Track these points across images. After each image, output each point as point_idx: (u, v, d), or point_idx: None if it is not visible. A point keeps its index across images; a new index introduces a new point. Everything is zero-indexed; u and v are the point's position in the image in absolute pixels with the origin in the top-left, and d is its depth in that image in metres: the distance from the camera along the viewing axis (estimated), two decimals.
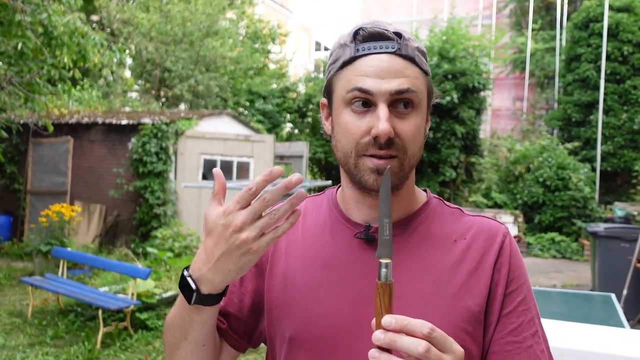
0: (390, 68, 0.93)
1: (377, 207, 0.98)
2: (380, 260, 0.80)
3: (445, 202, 1.10)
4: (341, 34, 1.02)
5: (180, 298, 0.96)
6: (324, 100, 1.06)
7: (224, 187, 0.88)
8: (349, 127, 0.95)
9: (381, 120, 0.91)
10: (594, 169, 14.97)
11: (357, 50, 0.95)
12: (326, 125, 1.06)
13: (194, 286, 0.90)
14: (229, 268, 0.87)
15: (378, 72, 0.93)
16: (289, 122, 17.00)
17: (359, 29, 0.96)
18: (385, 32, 0.95)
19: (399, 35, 0.96)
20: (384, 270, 0.80)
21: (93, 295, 5.85)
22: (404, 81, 0.93)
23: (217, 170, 0.89)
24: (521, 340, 0.97)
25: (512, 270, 1.00)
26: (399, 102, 0.94)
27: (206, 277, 0.89)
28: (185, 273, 0.92)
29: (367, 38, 0.95)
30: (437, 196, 1.11)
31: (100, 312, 5.53)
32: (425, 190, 1.11)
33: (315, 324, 0.98)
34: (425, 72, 0.99)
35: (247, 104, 16.63)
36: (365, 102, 0.94)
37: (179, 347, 1.00)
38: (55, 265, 7.72)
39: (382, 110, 0.92)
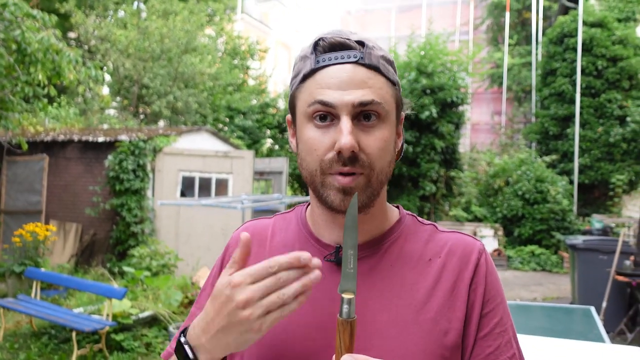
0: (353, 78, 0.88)
1: None
2: (343, 295, 0.75)
3: (419, 218, 1.05)
4: (302, 46, 0.97)
5: None
6: (289, 117, 1.01)
7: (246, 255, 0.80)
8: (312, 143, 0.90)
9: (343, 134, 0.85)
10: (571, 182, 15.14)
11: (318, 61, 0.91)
12: (292, 143, 1.01)
13: (191, 355, 0.82)
14: (227, 342, 0.79)
15: (340, 84, 0.88)
16: (269, 137, 16.96)
17: (319, 40, 0.92)
18: (347, 41, 0.91)
19: (361, 43, 0.91)
20: (345, 306, 0.75)
21: (67, 317, 5.70)
22: (367, 92, 0.88)
23: (245, 236, 0.80)
24: None
25: (488, 290, 0.95)
26: (364, 114, 0.89)
27: (205, 347, 0.82)
28: (182, 340, 0.84)
29: (328, 48, 0.91)
30: (410, 213, 1.06)
31: (74, 334, 5.38)
32: (397, 207, 1.06)
33: (282, 352, 0.93)
34: (393, 82, 0.94)
35: (227, 120, 16.56)
36: (328, 115, 0.89)
37: None
38: (29, 286, 7.53)
39: (345, 123, 0.87)
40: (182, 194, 9.88)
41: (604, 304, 6.80)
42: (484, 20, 24.74)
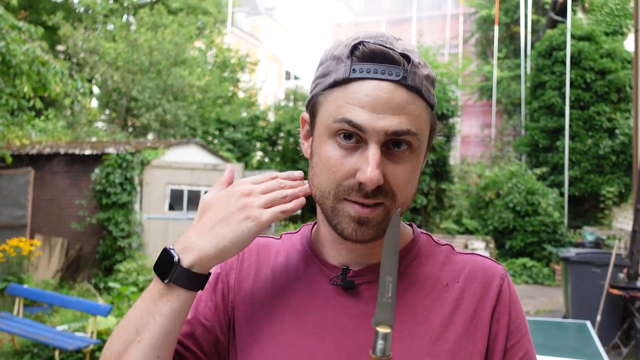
0: (391, 101, 0.76)
1: (356, 250, 0.87)
2: (378, 329, 0.66)
3: (435, 238, 0.97)
4: (337, 42, 0.84)
5: (150, 286, 0.83)
6: (305, 115, 0.90)
7: (230, 180, 0.88)
8: (331, 164, 0.80)
9: (370, 166, 0.76)
10: (562, 194, 15.15)
11: (354, 70, 0.78)
12: (305, 145, 0.90)
13: (176, 257, 0.79)
14: (223, 234, 0.79)
15: (375, 105, 0.76)
16: (259, 150, 16.88)
17: (358, 44, 0.79)
18: (391, 52, 0.77)
19: (407, 58, 0.78)
20: (380, 342, 0.66)
21: (49, 335, 5.54)
22: (404, 120, 0.77)
23: (230, 168, 0.88)
24: None
25: (513, 320, 0.87)
26: (395, 142, 0.79)
27: (194, 244, 0.80)
28: (169, 246, 0.81)
29: (368, 57, 0.78)
30: (424, 232, 0.97)
31: (57, 352, 5.23)
32: (410, 225, 0.97)
33: None
34: (431, 106, 0.83)
35: (217, 132, 16.48)
36: (354, 135, 0.78)
37: (126, 353, 0.79)
38: (12, 303, 7.35)
39: (373, 152, 0.76)
40: (171, 208, 9.75)
41: (598, 317, 6.73)
42: (473, 34, 24.94)
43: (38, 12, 16.85)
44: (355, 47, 0.79)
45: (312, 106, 0.84)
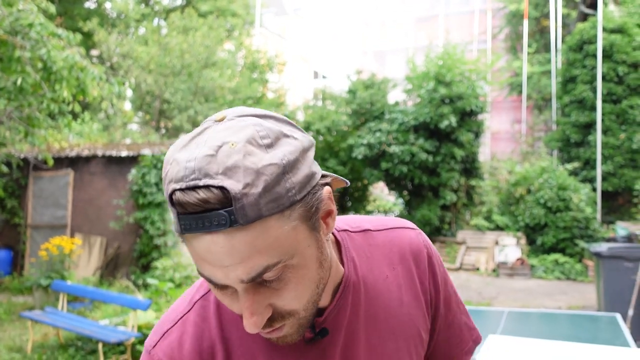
0: (232, 251, 0.65)
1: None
2: None
3: (350, 229, 0.94)
4: (164, 168, 0.70)
5: None
6: None
7: None
8: (223, 302, 0.75)
9: (245, 317, 0.70)
10: (594, 189, 14.95)
11: (182, 226, 0.66)
12: None
13: None
14: None
15: (219, 260, 0.66)
16: None
17: (172, 194, 0.66)
18: (206, 197, 0.63)
19: (226, 192, 0.64)
20: None
21: (93, 329, 5.79)
22: (255, 261, 0.66)
23: None
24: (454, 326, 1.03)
25: (440, 272, 0.99)
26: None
27: None
28: None
29: (186, 210, 0.65)
30: (341, 229, 0.93)
31: (100, 345, 5.46)
32: (333, 233, 0.91)
33: None
34: (292, 203, 0.68)
35: None
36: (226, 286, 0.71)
37: None
38: (56, 299, 7.66)
39: (244, 301, 0.69)
40: None
41: (630, 312, 6.70)
42: (501, 29, 24.68)
43: (73, 18, 17.35)
44: (171, 197, 0.66)
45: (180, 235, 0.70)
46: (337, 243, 0.90)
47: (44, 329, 7.03)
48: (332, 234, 0.89)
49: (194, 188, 0.64)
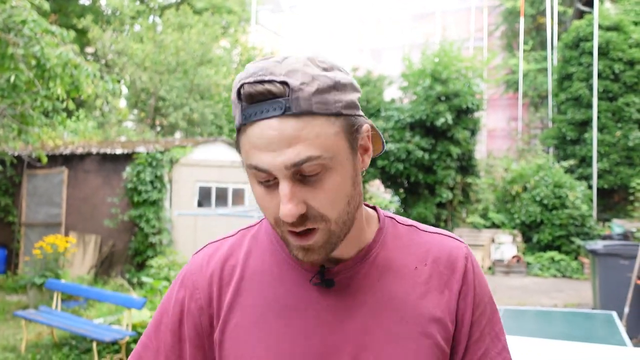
0: (281, 136, 0.76)
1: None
2: None
3: (398, 219, 1.00)
4: (234, 82, 0.84)
5: None
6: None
7: None
8: (261, 203, 0.84)
9: (283, 203, 0.78)
10: (590, 187, 14.96)
11: (244, 116, 0.79)
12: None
13: None
14: None
15: (269, 144, 0.77)
16: None
17: (240, 87, 0.80)
18: (269, 86, 0.77)
19: (287, 85, 0.77)
20: None
21: (87, 328, 5.76)
22: (300, 149, 0.76)
23: None
24: None
25: (477, 294, 0.95)
26: (302, 171, 0.79)
27: None
28: None
29: (250, 100, 0.79)
30: (388, 214, 1.00)
31: (94, 344, 5.43)
32: (374, 208, 1.00)
33: None
34: (336, 114, 0.80)
35: None
36: (269, 178, 0.80)
37: None
38: (50, 297, 7.62)
39: (284, 188, 0.78)
40: (199, 204, 9.95)
41: (626, 310, 6.70)
42: (498, 27, 24.66)
43: (67, 15, 17.23)
44: (239, 92, 0.80)
45: (237, 147, 0.86)
46: (381, 229, 0.97)
47: (38, 328, 6.99)
48: (377, 215, 0.99)
49: (261, 82, 0.78)
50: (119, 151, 9.88)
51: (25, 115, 7.36)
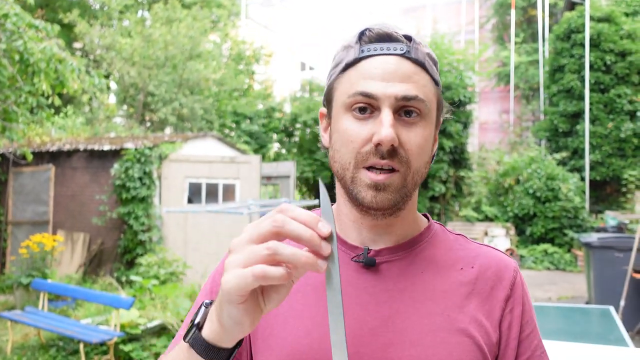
0: (398, 71, 0.84)
1: (377, 228, 0.91)
2: None
3: (448, 228, 1.01)
4: (345, 37, 0.92)
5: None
6: (323, 110, 0.96)
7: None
8: (349, 134, 0.85)
9: (384, 126, 0.81)
10: (583, 179, 14.95)
11: (362, 51, 0.86)
12: (324, 137, 0.95)
13: (198, 319, 0.72)
14: (221, 317, 0.67)
15: (384, 75, 0.84)
16: (275, 142, 16.89)
17: (365, 30, 0.88)
18: (394, 33, 0.87)
19: (408, 38, 0.87)
20: None
21: (74, 329, 5.63)
22: (412, 87, 0.84)
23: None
24: None
25: (526, 310, 0.92)
26: (405, 110, 0.85)
27: (211, 316, 0.70)
28: (206, 302, 0.74)
29: (374, 39, 0.87)
30: (438, 222, 1.02)
31: (82, 345, 5.31)
32: (425, 216, 1.01)
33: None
34: (436, 82, 0.89)
35: (233, 125, 16.51)
36: (368, 107, 0.84)
37: None
38: (37, 297, 7.47)
39: (386, 115, 0.82)
40: (189, 201, 9.81)
41: (622, 303, 6.64)
42: (489, 19, 24.60)
43: (54, 10, 16.98)
44: (362, 33, 0.87)
45: (328, 94, 0.91)
46: (429, 227, 0.98)
47: (25, 329, 6.85)
48: (428, 221, 1.00)
49: (386, 28, 0.87)
50: (106, 147, 9.72)
51: (8, 112, 7.18)
